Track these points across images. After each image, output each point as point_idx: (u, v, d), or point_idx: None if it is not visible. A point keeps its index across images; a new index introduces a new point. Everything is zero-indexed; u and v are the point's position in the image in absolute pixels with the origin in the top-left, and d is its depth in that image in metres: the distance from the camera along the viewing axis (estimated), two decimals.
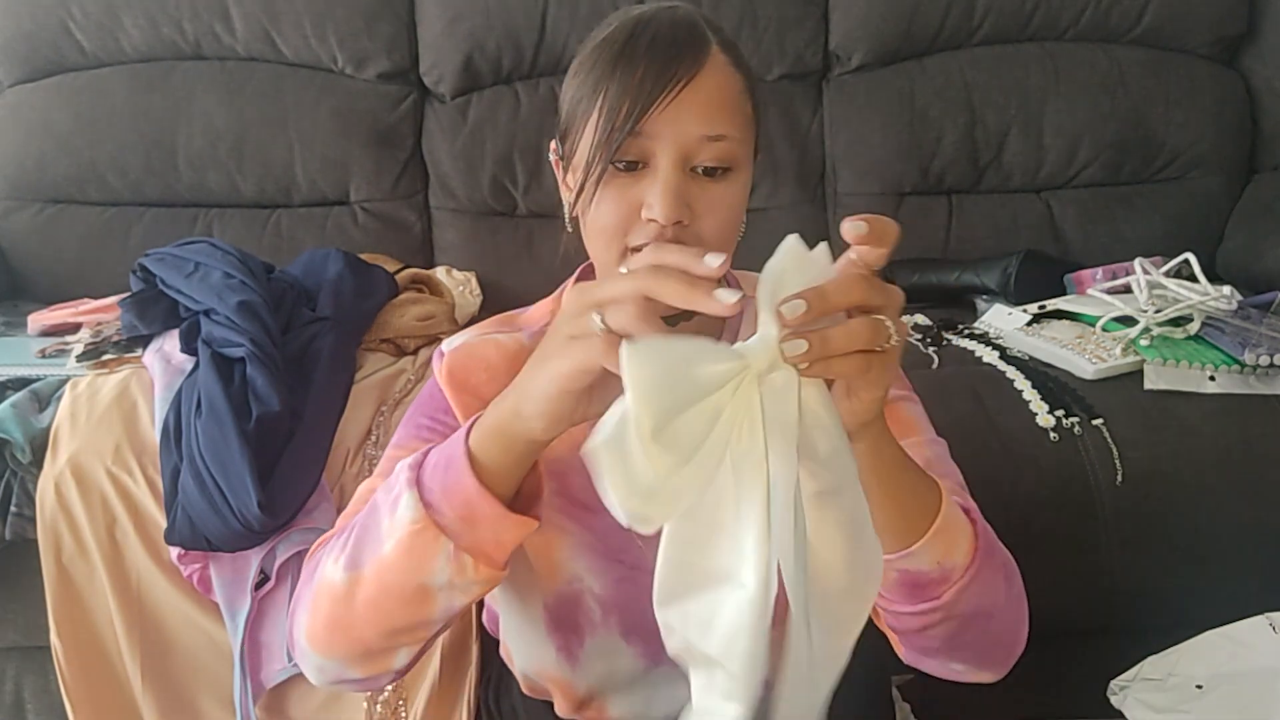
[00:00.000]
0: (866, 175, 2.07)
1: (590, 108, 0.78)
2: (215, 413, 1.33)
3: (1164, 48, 2.09)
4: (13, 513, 1.41)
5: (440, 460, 0.72)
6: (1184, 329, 1.58)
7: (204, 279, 1.51)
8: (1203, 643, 0.89)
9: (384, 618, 0.73)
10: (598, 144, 0.77)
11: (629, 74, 0.76)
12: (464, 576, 0.71)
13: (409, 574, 0.71)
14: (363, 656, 0.76)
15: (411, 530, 0.70)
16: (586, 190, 0.78)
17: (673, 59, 0.76)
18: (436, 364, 0.89)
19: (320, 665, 0.77)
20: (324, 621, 0.75)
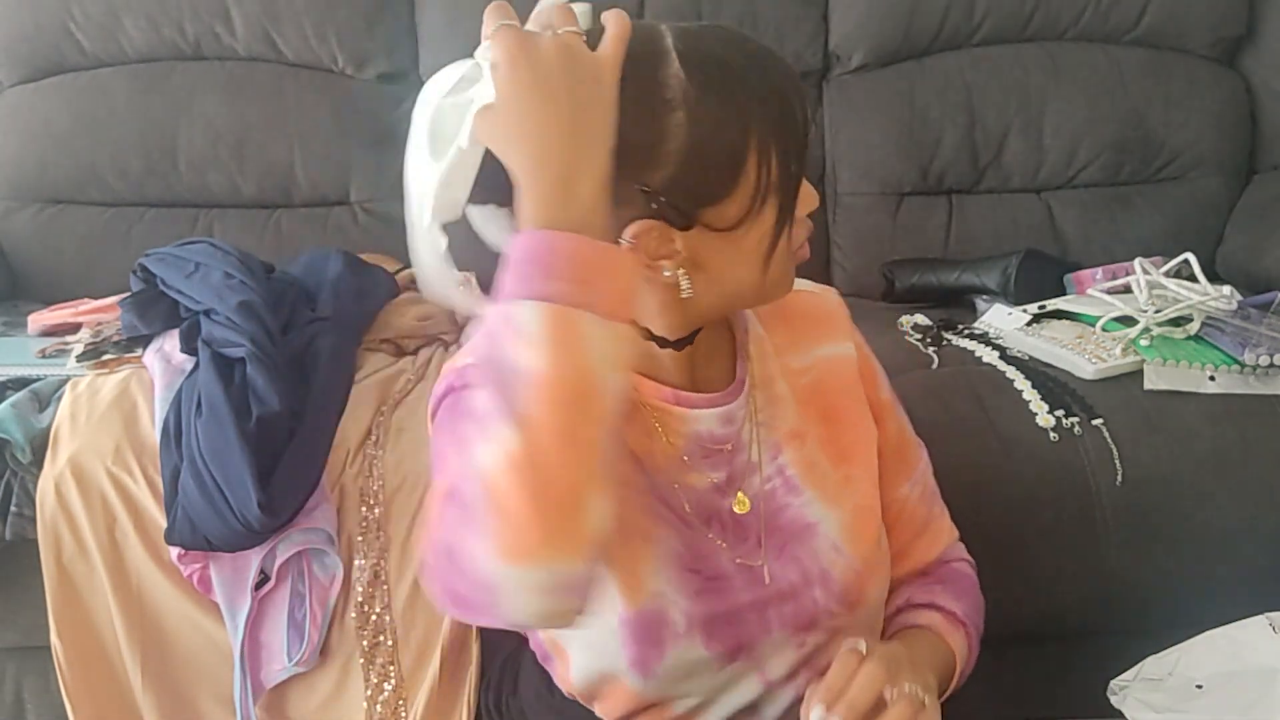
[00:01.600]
0: (866, 175, 2.07)
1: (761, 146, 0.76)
2: (215, 413, 1.33)
3: (1164, 48, 2.09)
4: (13, 513, 1.41)
5: (513, 269, 0.66)
6: (1184, 329, 1.58)
7: (204, 279, 1.51)
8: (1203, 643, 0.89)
9: (575, 443, 0.64)
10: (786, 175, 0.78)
11: (775, 94, 0.77)
12: (612, 338, 0.65)
13: (574, 370, 0.64)
14: (568, 521, 0.64)
15: (545, 328, 0.63)
16: (787, 221, 0.80)
17: (781, 61, 0.79)
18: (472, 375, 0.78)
19: (526, 577, 0.64)
20: (507, 502, 0.63)
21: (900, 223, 2.06)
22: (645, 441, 0.88)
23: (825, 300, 1.01)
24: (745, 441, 0.91)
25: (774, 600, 0.89)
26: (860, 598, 0.92)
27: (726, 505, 0.90)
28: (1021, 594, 1.49)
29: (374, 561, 1.37)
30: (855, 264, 2.06)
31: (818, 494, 0.92)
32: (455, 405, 0.79)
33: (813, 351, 0.96)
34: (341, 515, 1.39)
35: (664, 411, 0.88)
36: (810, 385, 0.95)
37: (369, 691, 1.37)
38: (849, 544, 0.92)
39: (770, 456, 0.92)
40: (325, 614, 1.37)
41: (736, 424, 0.91)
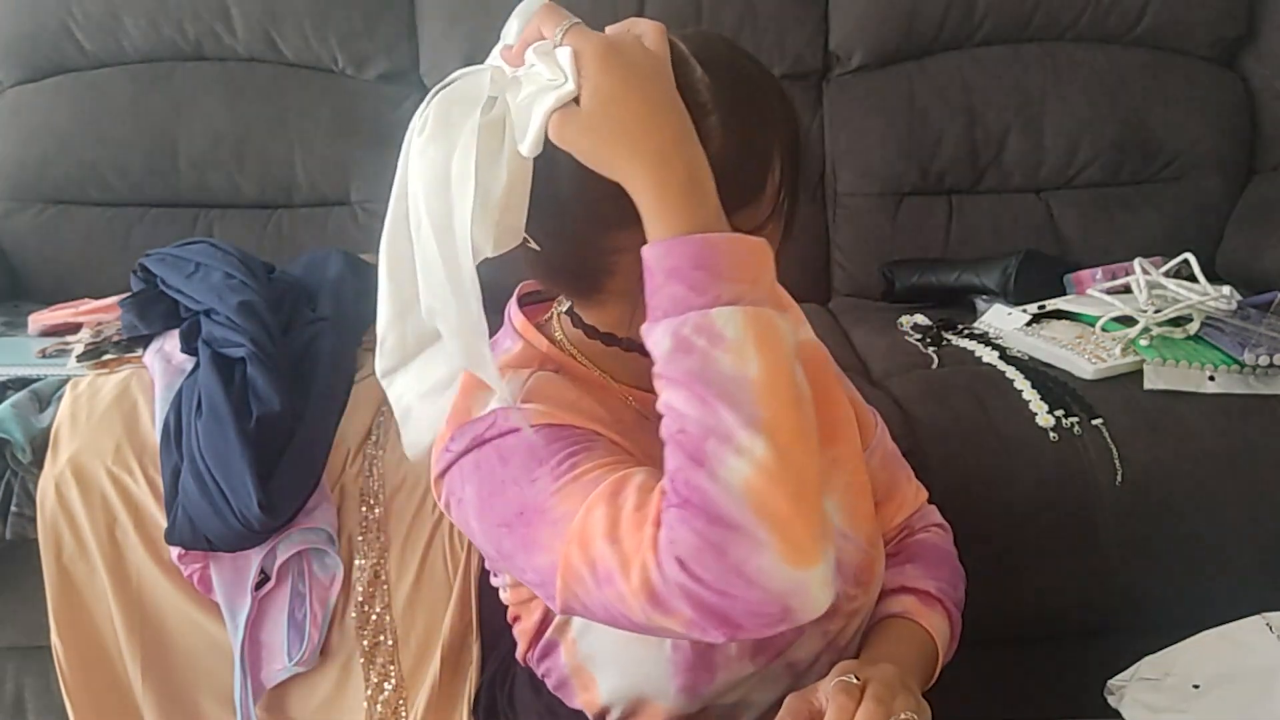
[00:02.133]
0: (866, 175, 2.07)
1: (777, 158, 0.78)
2: (215, 413, 1.33)
3: (1164, 49, 2.10)
4: (13, 513, 1.42)
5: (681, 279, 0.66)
6: (1184, 329, 1.58)
7: (204, 279, 1.51)
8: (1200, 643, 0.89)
9: (806, 436, 0.65)
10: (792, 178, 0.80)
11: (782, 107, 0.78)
12: (791, 328, 0.67)
13: (785, 366, 0.65)
14: (820, 515, 0.65)
15: (750, 331, 0.64)
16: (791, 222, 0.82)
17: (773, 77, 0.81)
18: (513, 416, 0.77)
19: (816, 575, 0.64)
20: (785, 508, 0.63)
21: (900, 223, 2.06)
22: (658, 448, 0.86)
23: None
24: None
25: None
26: (871, 576, 0.93)
27: None
28: (1020, 594, 1.49)
29: (374, 561, 1.37)
30: (855, 264, 2.06)
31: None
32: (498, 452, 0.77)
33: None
34: (341, 515, 1.39)
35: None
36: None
37: (369, 691, 1.37)
38: (851, 527, 0.91)
39: None
40: (325, 614, 1.37)
41: None
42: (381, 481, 1.40)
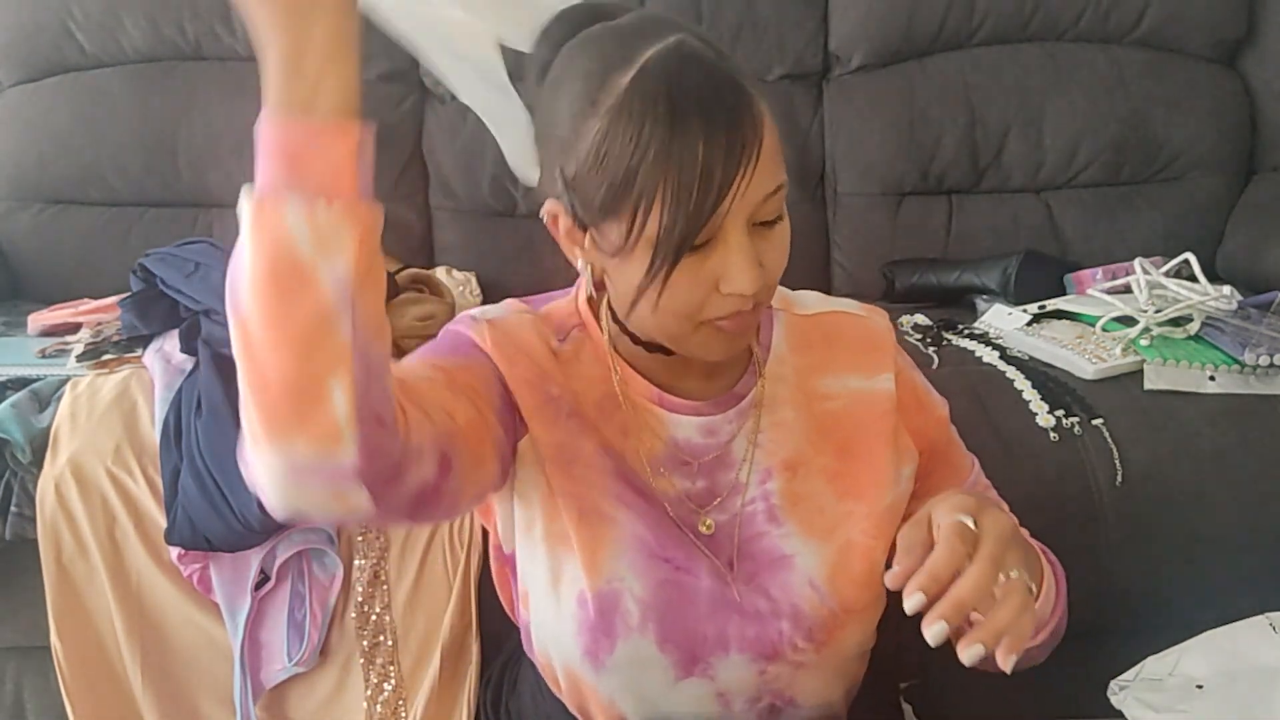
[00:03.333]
0: (866, 175, 2.07)
1: (646, 194, 0.72)
2: (215, 413, 1.33)
3: (1164, 49, 2.09)
4: (13, 513, 1.41)
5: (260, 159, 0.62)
6: (1184, 329, 1.58)
7: (204, 279, 1.51)
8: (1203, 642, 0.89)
9: (283, 328, 0.62)
10: (668, 235, 0.72)
11: (690, 155, 0.70)
12: (320, 219, 0.61)
13: (274, 256, 0.62)
14: (295, 410, 0.63)
15: (252, 217, 0.62)
16: (658, 278, 0.74)
17: (736, 132, 0.72)
18: (469, 325, 0.86)
19: (267, 461, 0.64)
20: (245, 392, 0.64)
21: (900, 223, 2.06)
22: (620, 440, 0.87)
23: (870, 326, 0.95)
24: (737, 459, 0.89)
25: (735, 618, 0.87)
26: (830, 639, 0.88)
27: (695, 520, 0.88)
28: None
29: (374, 561, 1.37)
30: (855, 264, 2.06)
31: (800, 527, 0.89)
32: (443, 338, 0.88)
33: (844, 379, 0.92)
34: None
35: (645, 410, 0.88)
36: (833, 413, 0.91)
37: (369, 691, 1.37)
38: (828, 582, 0.87)
39: (759, 480, 0.89)
40: (325, 614, 1.37)
41: (720, 436, 0.89)
42: None
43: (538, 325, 0.88)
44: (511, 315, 0.89)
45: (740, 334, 0.80)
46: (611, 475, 0.86)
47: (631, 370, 0.89)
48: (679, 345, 0.82)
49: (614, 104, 0.72)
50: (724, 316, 0.78)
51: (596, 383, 0.88)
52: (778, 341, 0.93)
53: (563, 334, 0.89)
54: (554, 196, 0.80)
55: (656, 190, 0.72)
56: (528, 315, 0.89)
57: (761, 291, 0.77)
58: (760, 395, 0.90)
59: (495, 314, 0.88)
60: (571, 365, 0.88)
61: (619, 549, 0.85)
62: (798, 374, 0.92)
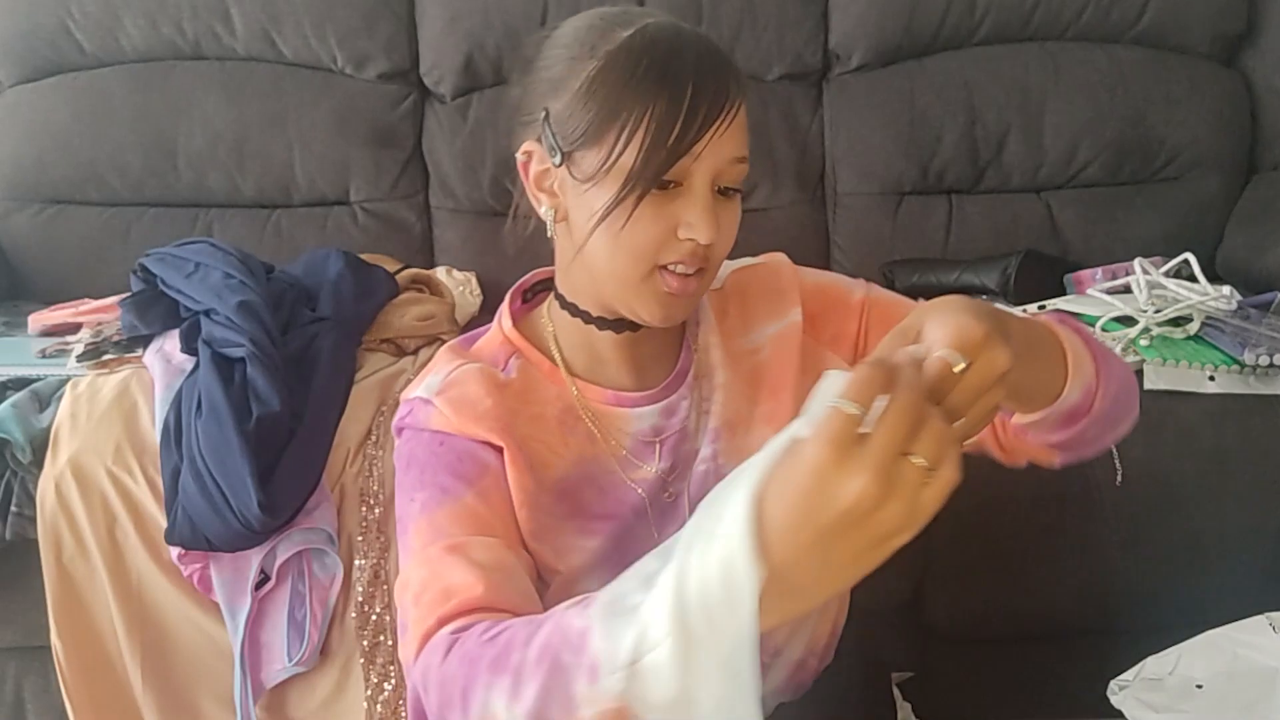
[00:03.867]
0: (866, 175, 2.07)
1: (631, 122, 0.78)
2: (215, 413, 1.33)
3: (1164, 47, 2.09)
4: (13, 513, 1.42)
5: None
6: (1184, 329, 1.58)
7: (204, 279, 1.51)
8: (1203, 642, 0.89)
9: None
10: (645, 162, 0.77)
11: (679, 92, 0.77)
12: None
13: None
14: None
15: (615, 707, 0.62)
16: (625, 205, 0.79)
17: (722, 84, 0.79)
18: (424, 413, 0.88)
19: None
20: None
21: (900, 223, 2.06)
22: (589, 447, 0.90)
23: (773, 270, 0.99)
24: (692, 430, 0.93)
25: None
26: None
27: (666, 495, 0.92)
28: (1022, 594, 1.49)
29: (374, 561, 1.37)
30: (855, 264, 2.06)
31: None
32: (411, 448, 0.88)
33: (763, 329, 0.96)
34: (341, 515, 1.39)
35: (605, 414, 0.91)
36: (761, 364, 0.95)
37: (369, 691, 1.37)
38: None
39: (708, 441, 0.93)
40: (325, 614, 1.37)
41: (679, 414, 0.93)
42: (381, 481, 1.40)
43: (482, 370, 0.90)
44: (452, 376, 0.89)
45: (684, 297, 0.84)
46: (570, 518, 0.88)
47: (585, 382, 0.92)
48: (625, 300, 0.85)
49: (612, 49, 0.79)
50: (675, 263, 0.81)
51: (553, 400, 0.91)
52: (704, 314, 0.97)
53: (501, 365, 0.92)
54: (532, 137, 0.84)
55: (642, 118, 0.77)
56: (464, 367, 0.90)
57: (711, 252, 0.82)
58: (700, 366, 0.94)
59: (438, 383, 0.89)
60: (525, 392, 0.91)
61: (594, 573, 0.87)
62: (724, 339, 0.95)
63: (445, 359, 0.92)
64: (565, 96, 0.81)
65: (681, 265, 0.82)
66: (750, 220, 0.87)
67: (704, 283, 0.85)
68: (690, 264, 0.82)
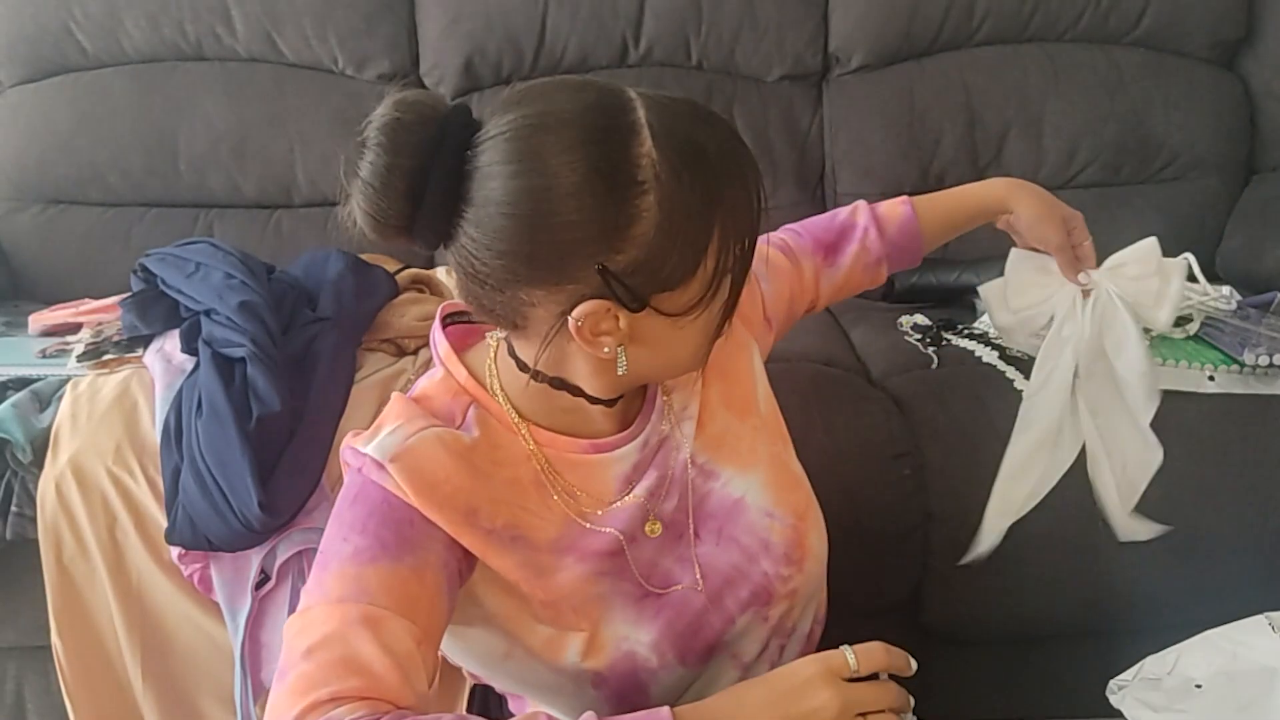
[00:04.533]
0: (866, 175, 2.07)
1: (720, 238, 0.74)
2: (216, 413, 1.33)
3: (1163, 50, 2.10)
4: (13, 513, 1.42)
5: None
6: (1184, 329, 1.58)
7: (205, 279, 1.51)
8: (1202, 642, 0.89)
9: None
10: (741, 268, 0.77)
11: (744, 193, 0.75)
12: None
13: None
14: None
15: None
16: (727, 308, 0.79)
17: (752, 159, 0.77)
18: (377, 474, 0.79)
19: None
20: None
21: None
22: (572, 504, 0.86)
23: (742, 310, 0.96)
24: (679, 441, 0.91)
25: (725, 588, 0.89)
26: (804, 552, 0.92)
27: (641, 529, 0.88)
28: (1022, 594, 1.49)
29: None
30: None
31: (733, 468, 0.92)
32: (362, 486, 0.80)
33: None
34: None
35: (581, 465, 0.86)
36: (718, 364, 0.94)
37: None
38: (777, 503, 0.92)
39: (687, 446, 0.91)
40: None
41: (654, 439, 0.89)
42: None
43: (442, 438, 0.81)
44: (410, 442, 0.80)
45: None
46: (575, 567, 0.85)
47: (549, 434, 0.85)
48: (688, 369, 0.85)
49: (654, 173, 0.70)
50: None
51: (522, 461, 0.85)
52: None
53: (458, 422, 0.84)
54: (583, 298, 0.73)
55: (733, 227, 0.74)
56: (428, 431, 0.81)
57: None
58: (665, 385, 0.92)
59: (393, 445, 0.80)
60: (492, 451, 0.84)
61: (614, 616, 0.86)
62: None
63: (400, 413, 0.83)
64: (633, 245, 0.71)
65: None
66: None
67: None
68: None
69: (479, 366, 0.87)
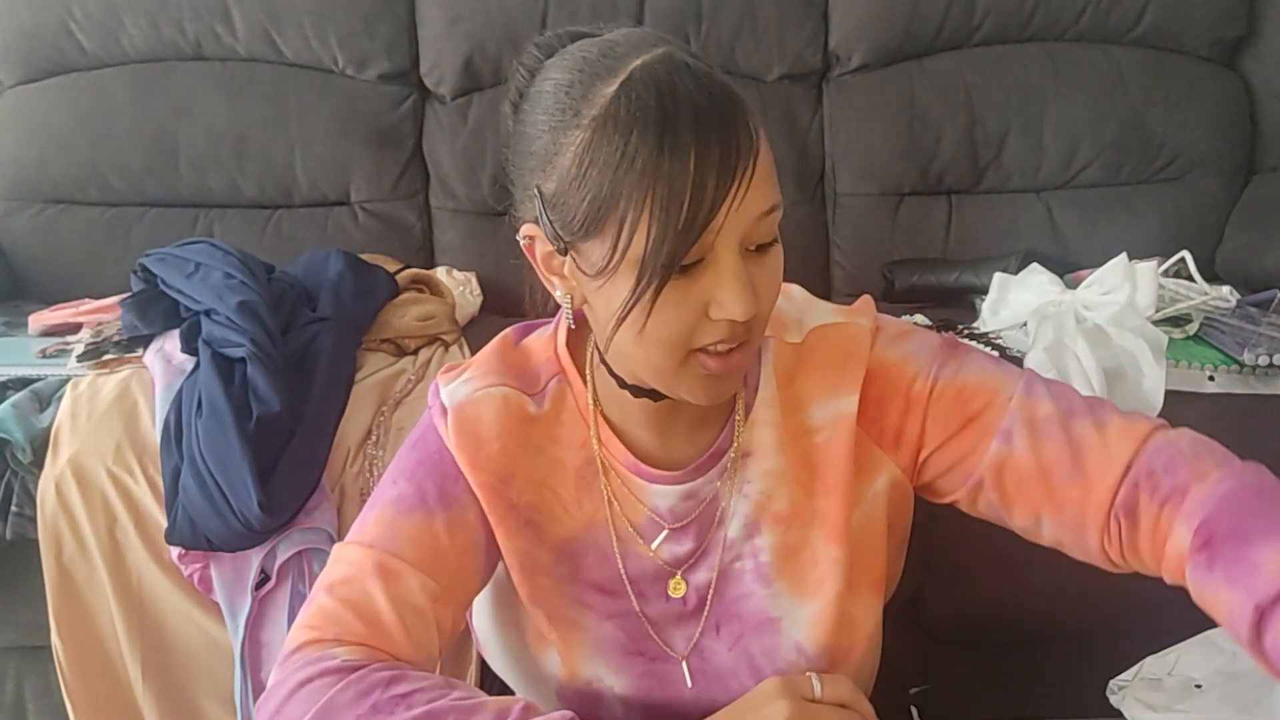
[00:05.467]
0: (866, 175, 2.07)
1: (633, 208, 0.66)
2: (216, 413, 1.33)
3: (1163, 49, 2.09)
4: (13, 513, 1.42)
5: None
6: (1183, 329, 1.58)
7: (204, 279, 1.51)
8: (1202, 642, 0.89)
9: None
10: (655, 253, 0.66)
11: (681, 166, 0.65)
12: None
13: None
14: None
15: None
16: (643, 302, 0.68)
17: (730, 142, 0.66)
18: (439, 419, 0.83)
19: None
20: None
21: (900, 223, 2.06)
22: (601, 510, 0.84)
23: (852, 337, 0.85)
24: (723, 514, 0.84)
25: (719, 691, 0.83)
26: (840, 668, 0.85)
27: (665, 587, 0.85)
28: (1022, 594, 1.49)
29: None
30: (855, 264, 2.07)
31: (790, 586, 0.84)
32: (425, 430, 0.85)
33: (825, 406, 0.84)
34: (342, 515, 1.39)
35: (624, 479, 0.84)
36: (818, 448, 0.84)
37: None
38: (812, 642, 0.83)
39: (746, 535, 0.84)
40: None
41: (701, 500, 0.84)
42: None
43: (508, 400, 0.82)
44: (480, 393, 0.82)
45: (728, 375, 0.74)
46: (569, 581, 0.84)
47: (611, 433, 0.83)
48: (664, 384, 0.75)
49: (598, 114, 0.67)
50: (713, 344, 0.71)
51: (577, 447, 0.84)
52: (765, 380, 0.85)
53: (538, 387, 0.84)
54: (530, 219, 0.74)
55: (644, 203, 0.66)
56: (498, 389, 0.83)
57: (754, 322, 0.72)
58: (748, 443, 0.84)
59: (462, 395, 0.83)
60: (552, 428, 0.84)
61: (591, 650, 0.84)
62: (785, 414, 0.84)
63: (489, 364, 0.85)
64: (556, 176, 0.70)
65: (722, 344, 0.71)
66: None
67: (750, 350, 0.75)
68: (731, 340, 0.71)
69: (585, 344, 0.84)
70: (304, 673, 0.73)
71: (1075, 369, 1.47)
